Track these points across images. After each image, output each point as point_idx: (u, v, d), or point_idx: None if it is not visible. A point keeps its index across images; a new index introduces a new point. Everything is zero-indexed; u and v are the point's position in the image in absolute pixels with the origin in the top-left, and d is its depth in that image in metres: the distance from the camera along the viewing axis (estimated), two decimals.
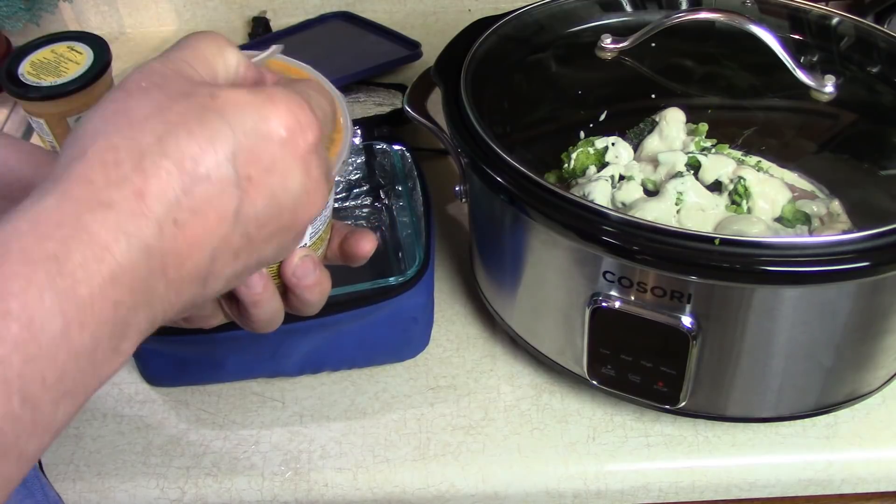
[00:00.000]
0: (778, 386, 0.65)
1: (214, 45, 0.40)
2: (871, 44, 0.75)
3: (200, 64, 0.39)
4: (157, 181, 0.34)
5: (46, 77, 0.92)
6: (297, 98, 0.38)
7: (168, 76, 0.37)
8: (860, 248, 0.56)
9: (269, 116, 0.37)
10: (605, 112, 0.75)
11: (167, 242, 0.34)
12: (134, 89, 0.36)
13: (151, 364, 0.75)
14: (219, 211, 0.35)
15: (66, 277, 0.31)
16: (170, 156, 0.34)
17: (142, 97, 0.36)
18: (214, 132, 0.35)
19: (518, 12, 0.78)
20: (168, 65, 0.38)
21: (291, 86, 0.40)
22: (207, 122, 0.35)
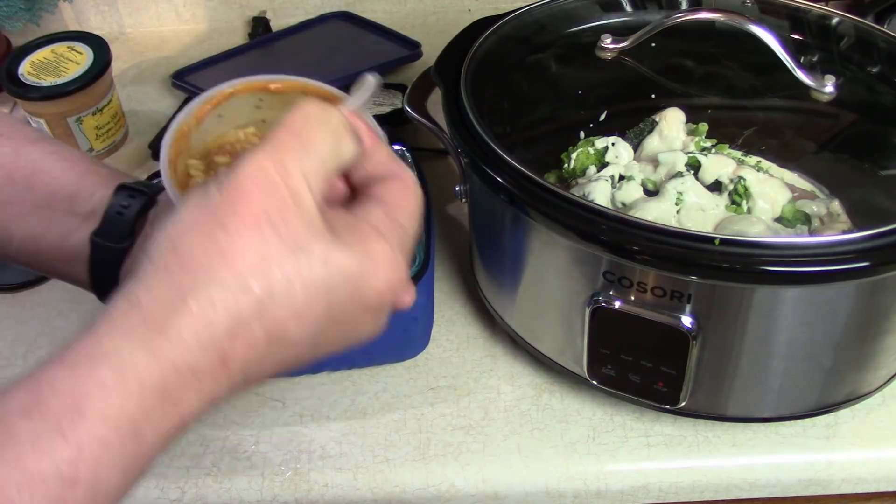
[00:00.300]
0: (778, 386, 0.64)
1: (332, 138, 0.39)
2: (871, 44, 0.75)
3: (315, 174, 0.37)
4: (245, 349, 0.35)
5: (46, 77, 0.92)
6: (399, 261, 0.39)
7: (285, 210, 0.36)
8: (860, 248, 0.56)
9: (368, 289, 0.38)
10: (605, 112, 0.75)
11: (231, 391, 0.36)
12: (248, 221, 0.35)
13: None
14: (286, 363, 0.37)
15: (140, 443, 0.34)
16: (264, 324, 0.35)
17: (252, 239, 0.35)
18: (311, 304, 0.36)
19: (518, 12, 0.78)
20: (288, 181, 0.36)
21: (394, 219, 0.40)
22: (310, 294, 0.36)
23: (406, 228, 0.40)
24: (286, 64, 1.09)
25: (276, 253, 0.35)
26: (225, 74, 1.06)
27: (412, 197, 0.42)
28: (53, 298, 0.84)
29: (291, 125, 0.38)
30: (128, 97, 1.07)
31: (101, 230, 0.51)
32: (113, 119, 0.98)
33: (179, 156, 0.46)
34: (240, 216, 0.35)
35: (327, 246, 0.36)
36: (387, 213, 0.40)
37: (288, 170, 0.36)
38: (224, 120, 0.48)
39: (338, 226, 0.38)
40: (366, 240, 0.38)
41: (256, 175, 0.36)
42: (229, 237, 0.35)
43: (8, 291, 0.85)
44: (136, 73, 1.12)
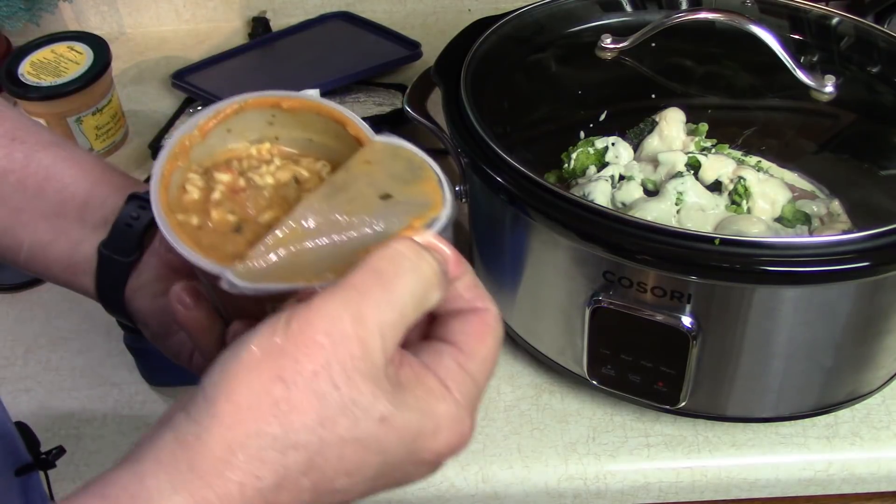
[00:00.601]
0: (778, 386, 0.65)
1: (421, 289, 0.36)
2: (871, 44, 0.75)
3: (393, 328, 0.35)
4: (290, 499, 0.34)
5: (46, 77, 0.92)
6: (464, 419, 0.37)
7: (352, 367, 0.33)
8: (860, 248, 0.56)
9: (425, 450, 0.36)
10: (605, 112, 0.75)
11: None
12: (309, 378, 0.33)
13: (151, 364, 0.75)
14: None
15: None
16: (312, 479, 0.34)
17: (310, 397, 0.33)
18: (363, 463, 0.34)
19: (518, 12, 0.78)
20: (363, 335, 0.34)
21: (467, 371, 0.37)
22: (363, 454, 0.34)
23: (478, 381, 0.38)
24: (286, 64, 1.09)
25: (334, 412, 0.33)
26: (225, 74, 1.07)
27: (490, 339, 0.38)
28: (53, 298, 0.84)
29: (378, 267, 0.35)
30: (128, 97, 1.07)
31: (109, 242, 0.51)
32: (113, 119, 0.98)
33: (175, 170, 0.44)
34: (301, 372, 0.33)
35: (388, 406, 0.34)
36: (460, 364, 0.37)
37: (366, 323, 0.34)
38: (233, 134, 0.47)
39: (404, 378, 0.35)
40: (431, 398, 0.36)
41: (329, 326, 0.33)
42: (287, 393, 0.33)
43: (8, 291, 0.85)
44: (136, 73, 1.12)
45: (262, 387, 0.33)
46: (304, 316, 0.34)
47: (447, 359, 0.37)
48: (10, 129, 0.52)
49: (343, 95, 1.00)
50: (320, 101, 0.46)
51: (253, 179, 0.45)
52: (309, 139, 0.48)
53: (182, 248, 0.41)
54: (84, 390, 0.76)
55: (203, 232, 0.43)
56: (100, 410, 0.75)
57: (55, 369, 0.78)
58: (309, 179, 0.46)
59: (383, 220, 0.39)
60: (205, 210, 0.44)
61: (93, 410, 0.75)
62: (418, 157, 0.43)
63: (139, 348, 0.74)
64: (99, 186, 0.52)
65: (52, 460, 0.56)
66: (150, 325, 0.52)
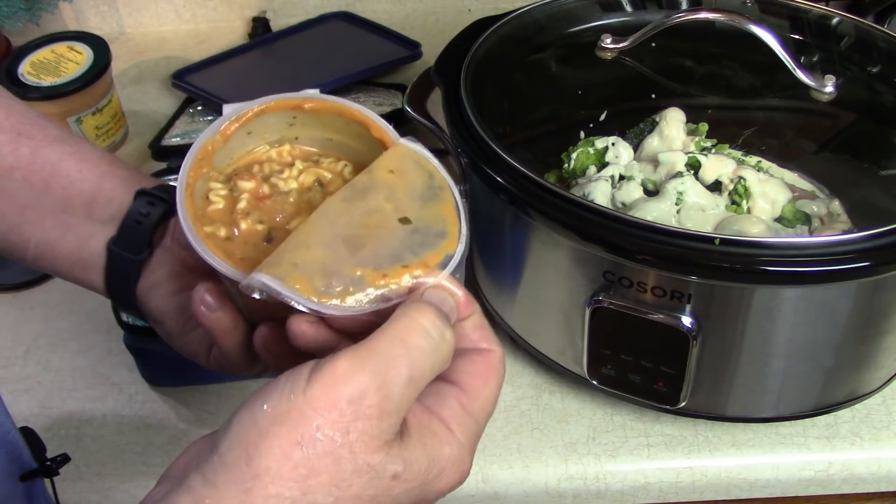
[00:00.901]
0: (778, 386, 0.65)
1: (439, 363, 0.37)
2: (871, 44, 0.75)
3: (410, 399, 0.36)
4: None
5: (46, 77, 0.92)
6: (465, 460, 0.38)
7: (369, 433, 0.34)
8: (860, 248, 0.56)
9: (430, 492, 0.37)
10: (605, 112, 0.75)
11: None
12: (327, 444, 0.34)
13: (151, 364, 0.75)
14: None
15: None
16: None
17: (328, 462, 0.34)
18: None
19: (518, 12, 0.78)
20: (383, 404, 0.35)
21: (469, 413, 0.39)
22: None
23: (479, 421, 0.39)
24: (286, 64, 1.09)
25: (349, 475, 0.34)
26: (225, 74, 1.07)
27: (493, 381, 0.40)
28: (53, 298, 0.84)
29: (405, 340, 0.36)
30: (128, 97, 1.07)
31: (118, 239, 0.50)
32: (113, 119, 0.98)
33: (199, 179, 0.44)
34: (320, 437, 0.34)
35: (399, 465, 0.35)
36: (463, 406, 0.38)
37: (390, 397, 0.35)
38: (253, 137, 0.47)
39: (412, 425, 0.37)
40: (436, 442, 0.37)
41: (354, 394, 0.34)
42: (306, 457, 0.34)
43: (8, 291, 0.85)
44: (136, 73, 1.12)
45: (282, 451, 0.33)
46: (330, 380, 0.34)
47: (451, 400, 0.38)
48: (17, 124, 0.52)
49: (343, 95, 1.00)
50: (343, 102, 0.46)
51: (277, 185, 0.45)
52: (329, 138, 0.47)
53: (218, 263, 0.40)
54: (84, 390, 0.76)
55: (233, 244, 0.43)
56: (100, 410, 0.75)
57: (55, 369, 0.78)
58: (332, 181, 0.46)
59: (399, 248, 0.40)
60: (231, 220, 0.44)
61: (93, 410, 0.75)
62: (440, 175, 0.44)
63: (139, 348, 0.74)
64: (106, 181, 0.52)
65: (56, 468, 0.56)
66: (164, 324, 0.51)
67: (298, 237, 0.40)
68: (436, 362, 0.37)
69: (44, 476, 0.56)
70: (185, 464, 0.37)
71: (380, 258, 0.40)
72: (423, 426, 0.37)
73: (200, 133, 0.45)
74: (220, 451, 0.34)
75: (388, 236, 0.40)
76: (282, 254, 0.39)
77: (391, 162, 0.43)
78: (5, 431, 0.53)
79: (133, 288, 0.51)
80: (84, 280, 0.53)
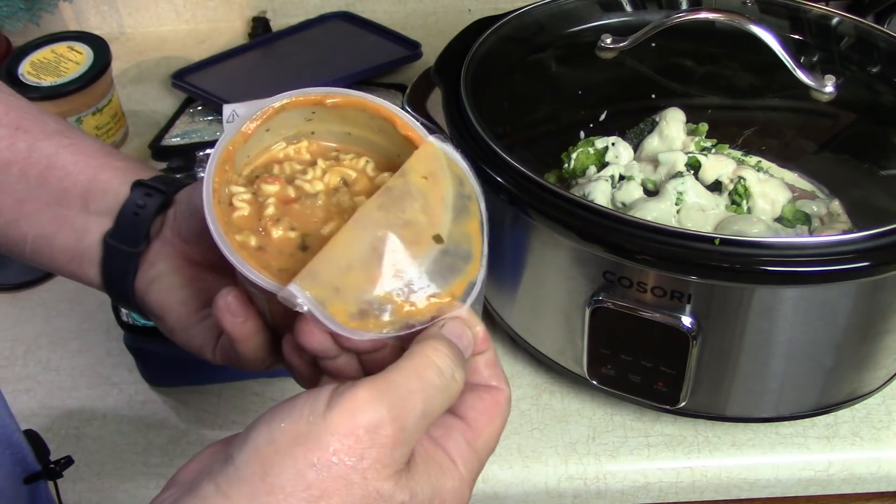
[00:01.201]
0: (778, 386, 0.65)
1: (449, 402, 0.39)
2: (871, 44, 0.75)
3: (423, 431, 0.38)
4: None
5: (46, 77, 0.92)
6: (466, 493, 0.39)
7: (381, 462, 0.36)
8: (860, 248, 0.56)
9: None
10: (605, 112, 0.75)
11: None
12: (340, 469, 0.35)
13: (151, 364, 0.75)
14: None
15: None
16: None
17: (340, 487, 0.35)
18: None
19: (518, 12, 0.78)
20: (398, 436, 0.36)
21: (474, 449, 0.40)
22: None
23: (482, 457, 0.41)
24: (286, 64, 1.09)
25: (358, 500, 0.35)
26: (225, 74, 1.07)
27: (498, 419, 0.41)
28: (53, 298, 0.84)
29: (419, 376, 0.38)
30: (128, 97, 1.07)
31: (115, 232, 0.50)
32: (113, 119, 0.98)
33: (223, 184, 0.42)
34: (335, 461, 0.35)
35: (406, 494, 0.37)
36: (468, 442, 0.40)
37: (404, 429, 0.36)
38: (270, 133, 0.45)
39: (419, 455, 0.38)
40: (441, 474, 0.38)
41: (372, 422, 0.35)
42: (319, 479, 0.35)
43: (8, 291, 0.85)
44: (136, 73, 1.12)
45: (297, 471, 0.34)
46: (349, 407, 0.35)
47: (457, 434, 0.40)
48: (16, 119, 0.51)
49: None
50: (366, 97, 0.45)
51: (302, 187, 0.44)
52: (347, 132, 0.46)
53: (259, 277, 0.40)
54: (84, 390, 0.76)
55: (268, 254, 0.42)
56: (100, 410, 0.75)
57: (55, 369, 0.78)
58: (357, 180, 0.45)
59: (430, 270, 0.41)
60: (260, 227, 0.42)
61: (93, 410, 0.75)
62: (469, 183, 0.44)
63: (139, 348, 0.74)
64: (101, 172, 0.51)
65: (60, 471, 0.56)
66: (167, 319, 0.51)
67: (337, 250, 0.39)
68: (446, 399, 0.39)
69: (47, 478, 0.56)
70: (197, 471, 0.37)
71: (411, 282, 0.40)
72: (430, 458, 0.38)
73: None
74: (235, 464, 0.35)
75: (422, 256, 0.41)
76: (321, 268, 0.39)
77: (424, 166, 0.43)
78: (10, 433, 0.53)
79: (131, 282, 0.50)
80: (81, 275, 0.52)
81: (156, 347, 0.72)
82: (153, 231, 0.50)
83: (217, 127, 0.99)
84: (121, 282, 0.51)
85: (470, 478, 0.40)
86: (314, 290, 0.38)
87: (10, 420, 0.53)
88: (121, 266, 0.50)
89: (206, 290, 0.49)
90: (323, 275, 0.38)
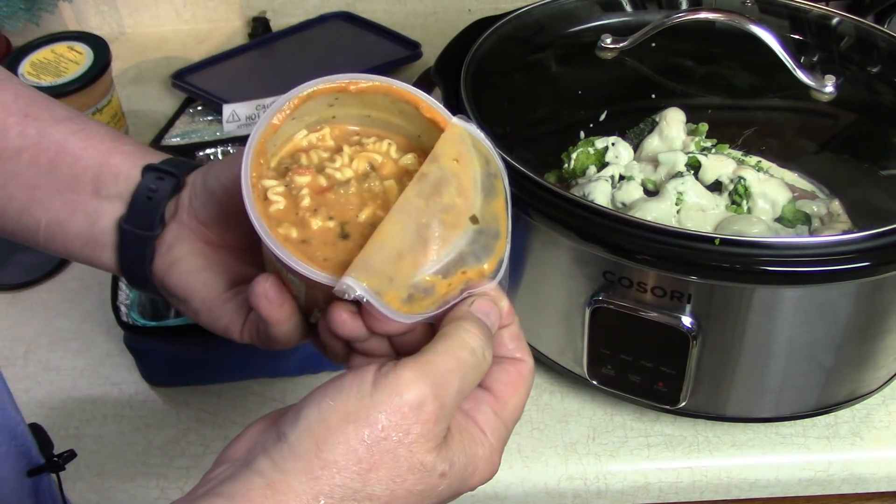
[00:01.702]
0: (778, 386, 0.64)
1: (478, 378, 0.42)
2: (871, 44, 0.75)
3: (457, 406, 0.41)
4: None
5: (46, 77, 0.92)
6: (496, 460, 0.43)
7: (425, 437, 0.39)
8: (860, 248, 0.56)
9: (464, 486, 0.42)
10: (605, 112, 0.75)
11: None
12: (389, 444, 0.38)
13: (151, 364, 0.75)
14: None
15: None
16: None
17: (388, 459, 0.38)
18: None
19: (518, 12, 0.78)
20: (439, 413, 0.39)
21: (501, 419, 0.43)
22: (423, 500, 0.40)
23: (508, 426, 0.43)
24: (286, 64, 1.09)
25: (405, 471, 0.38)
26: (225, 74, 1.07)
27: (523, 390, 0.44)
28: (53, 298, 0.84)
29: (460, 357, 0.40)
30: (128, 97, 1.07)
31: (129, 216, 0.50)
32: (113, 119, 0.98)
33: (258, 179, 0.43)
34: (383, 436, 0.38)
35: (446, 465, 0.40)
36: (496, 412, 0.43)
37: (444, 406, 0.39)
38: (295, 121, 0.46)
39: (454, 430, 0.41)
40: (474, 444, 0.41)
41: (416, 400, 0.38)
42: (369, 454, 0.38)
43: (8, 291, 0.85)
44: (136, 73, 1.12)
45: (348, 447, 0.37)
46: (394, 386, 0.38)
47: (485, 406, 0.43)
48: (24, 107, 0.52)
49: None
50: (389, 81, 0.46)
51: (333, 176, 0.45)
52: (367, 115, 0.47)
53: (312, 272, 0.41)
54: (84, 390, 0.76)
55: (312, 246, 0.43)
56: (100, 411, 0.75)
57: (55, 369, 0.78)
58: (383, 164, 0.46)
59: (466, 251, 0.43)
60: (298, 219, 0.43)
61: (93, 411, 0.75)
62: (494, 162, 0.46)
63: (139, 348, 0.74)
64: (111, 156, 0.51)
65: (63, 463, 0.56)
66: (191, 302, 0.51)
67: (385, 240, 0.41)
68: (478, 376, 0.42)
69: (50, 471, 0.56)
70: (248, 448, 0.40)
71: (449, 263, 0.42)
72: (463, 429, 0.41)
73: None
74: (289, 441, 0.38)
75: (460, 237, 0.43)
76: (373, 259, 0.40)
77: (453, 149, 0.44)
78: (15, 425, 0.53)
79: (149, 266, 0.51)
80: (96, 260, 0.52)
81: (156, 347, 0.72)
82: (168, 214, 0.51)
83: (217, 127, 0.99)
84: (138, 266, 0.51)
85: (499, 445, 0.43)
86: (369, 281, 0.40)
87: (15, 413, 0.53)
88: (137, 250, 0.51)
89: (227, 271, 0.50)
90: (376, 265, 0.40)
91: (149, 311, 0.75)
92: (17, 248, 0.86)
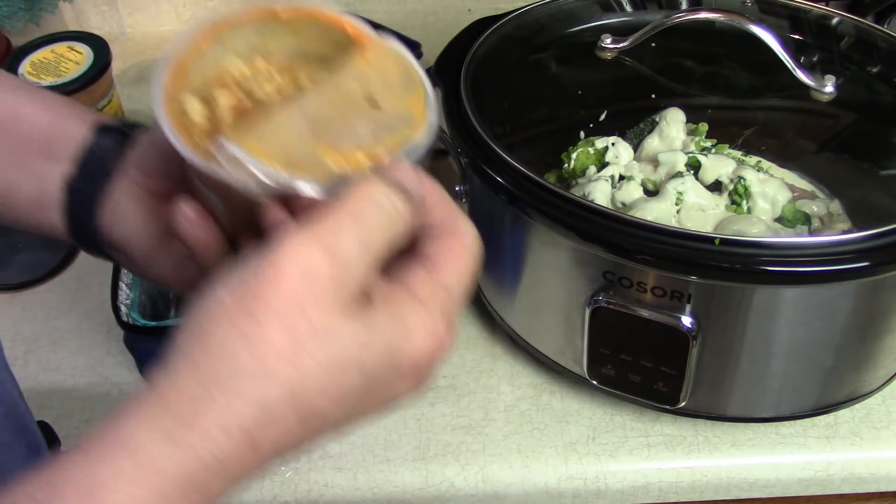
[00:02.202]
0: (778, 386, 0.65)
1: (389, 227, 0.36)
2: (871, 44, 0.75)
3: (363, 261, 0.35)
4: (277, 433, 0.34)
5: (46, 77, 0.92)
6: (439, 327, 0.37)
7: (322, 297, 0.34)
8: (860, 248, 0.56)
9: (404, 360, 0.36)
10: (605, 112, 0.75)
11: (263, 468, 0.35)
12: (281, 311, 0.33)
13: (151, 364, 0.75)
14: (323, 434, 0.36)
15: None
16: (296, 409, 0.34)
17: (282, 328, 0.33)
18: (344, 384, 0.35)
19: (518, 12, 0.78)
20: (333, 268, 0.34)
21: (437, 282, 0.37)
22: (342, 376, 0.34)
23: (451, 290, 0.38)
24: None
25: (307, 340, 0.34)
26: None
27: (464, 256, 0.39)
28: (53, 298, 0.84)
29: (352, 208, 0.36)
30: (128, 97, 1.06)
31: (77, 175, 0.49)
32: None
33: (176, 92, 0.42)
34: (272, 307, 0.33)
35: (360, 328, 0.35)
36: (430, 276, 0.37)
37: (339, 258, 0.34)
38: (223, 48, 0.44)
39: (376, 297, 0.36)
40: (403, 308, 0.36)
41: (304, 263, 0.34)
42: (259, 328, 0.33)
43: (8, 291, 0.85)
44: (136, 73, 1.12)
45: (233, 325, 0.33)
46: (277, 256, 0.34)
47: (417, 270, 0.37)
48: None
49: None
50: (317, 6, 0.45)
51: (255, 94, 0.43)
52: (302, 49, 0.46)
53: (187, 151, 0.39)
54: (84, 390, 0.76)
55: None
56: (100, 410, 0.75)
57: (55, 369, 0.78)
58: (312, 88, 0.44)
59: (364, 130, 0.40)
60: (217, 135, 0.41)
61: (92, 411, 0.75)
62: (416, 73, 0.43)
63: (139, 348, 0.74)
64: (65, 120, 0.50)
65: None
66: (131, 252, 0.50)
67: (270, 118, 0.39)
68: (389, 231, 0.36)
69: None
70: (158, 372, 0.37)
71: (343, 139, 0.39)
72: (386, 295, 0.36)
73: None
74: (177, 343, 0.35)
75: (355, 117, 0.40)
76: (248, 127, 0.38)
77: (368, 54, 0.42)
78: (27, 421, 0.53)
79: (93, 222, 0.50)
80: (43, 221, 0.51)
81: (156, 347, 0.72)
82: (115, 171, 0.49)
83: None
84: (85, 224, 0.50)
85: (440, 312, 0.37)
86: (236, 139, 0.38)
87: (25, 410, 0.53)
88: (83, 207, 0.50)
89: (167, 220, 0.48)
90: (247, 131, 0.38)
91: (149, 311, 0.75)
92: (18, 248, 0.87)
